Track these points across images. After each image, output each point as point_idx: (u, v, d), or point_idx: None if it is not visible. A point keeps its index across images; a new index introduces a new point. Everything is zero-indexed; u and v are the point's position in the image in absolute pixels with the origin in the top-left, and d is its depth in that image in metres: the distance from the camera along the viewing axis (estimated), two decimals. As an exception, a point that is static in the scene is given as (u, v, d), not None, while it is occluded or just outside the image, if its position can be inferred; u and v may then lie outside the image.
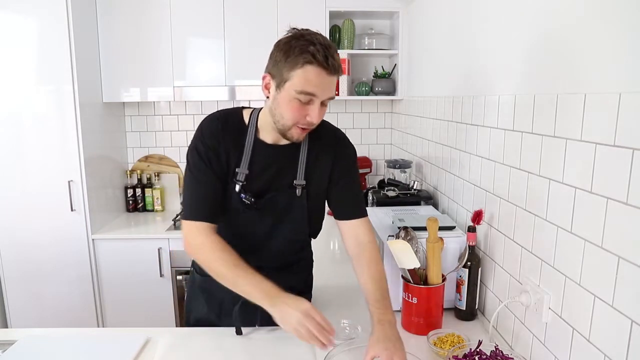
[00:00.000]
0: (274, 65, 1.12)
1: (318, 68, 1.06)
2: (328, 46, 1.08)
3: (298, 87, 1.08)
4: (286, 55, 1.08)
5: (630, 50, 0.84)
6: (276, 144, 1.26)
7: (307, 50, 1.05)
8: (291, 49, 1.07)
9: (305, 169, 1.28)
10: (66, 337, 1.38)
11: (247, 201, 1.25)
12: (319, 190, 1.33)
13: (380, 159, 3.21)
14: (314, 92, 1.09)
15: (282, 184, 1.28)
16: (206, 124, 1.27)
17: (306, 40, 1.07)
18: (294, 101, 1.10)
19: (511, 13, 1.33)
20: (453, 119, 1.83)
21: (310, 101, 1.11)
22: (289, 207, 1.29)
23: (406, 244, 1.37)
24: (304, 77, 1.07)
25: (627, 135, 0.84)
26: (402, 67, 2.77)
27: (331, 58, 1.07)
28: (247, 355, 1.27)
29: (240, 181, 1.24)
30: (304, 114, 1.12)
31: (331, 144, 1.32)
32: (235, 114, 1.30)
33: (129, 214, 3.04)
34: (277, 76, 1.12)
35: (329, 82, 1.10)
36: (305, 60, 1.06)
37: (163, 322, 2.65)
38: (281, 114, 1.14)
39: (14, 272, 2.57)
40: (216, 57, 2.72)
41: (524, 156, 1.23)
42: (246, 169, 1.24)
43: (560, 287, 1.06)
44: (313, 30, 1.12)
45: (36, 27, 2.37)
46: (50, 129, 2.45)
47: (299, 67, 1.07)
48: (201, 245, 1.19)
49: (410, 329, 1.39)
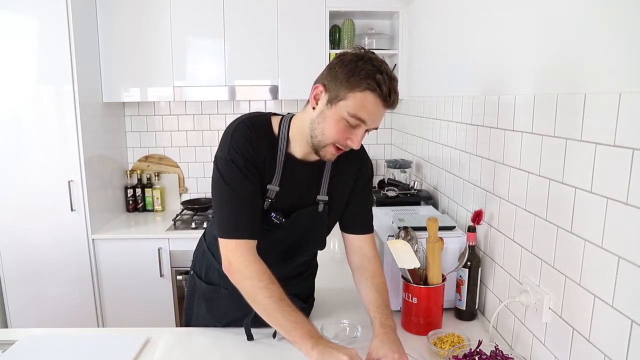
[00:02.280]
0: (332, 80, 1.07)
1: (378, 98, 1.03)
2: (394, 79, 1.05)
3: (351, 110, 1.04)
4: (350, 74, 1.03)
5: (630, 50, 0.84)
6: (305, 159, 1.20)
7: (374, 78, 1.02)
8: (357, 70, 1.03)
9: (328, 185, 1.24)
10: (66, 337, 1.38)
11: (277, 220, 1.19)
12: (339, 206, 1.29)
13: (380, 159, 3.21)
14: (365, 120, 1.05)
15: (307, 201, 1.24)
16: (238, 133, 1.14)
17: (374, 66, 1.03)
18: (342, 122, 1.06)
19: (511, 14, 1.33)
20: (453, 119, 1.83)
21: (357, 126, 1.07)
22: (312, 225, 1.26)
23: (406, 244, 1.37)
24: (362, 102, 1.03)
25: (627, 135, 0.84)
26: (402, 67, 2.77)
27: (394, 92, 1.05)
28: (247, 355, 1.27)
29: (270, 198, 1.18)
30: (346, 137, 1.08)
31: (355, 160, 1.28)
32: (265, 120, 1.20)
33: (129, 214, 3.04)
34: (332, 91, 1.06)
35: (381, 114, 1.08)
36: (368, 86, 1.02)
37: (163, 322, 2.65)
38: (323, 130, 1.09)
39: (14, 272, 2.57)
40: (216, 57, 2.72)
41: (524, 156, 1.23)
42: (277, 186, 1.18)
43: (560, 287, 1.06)
44: (379, 57, 1.08)
45: (36, 27, 2.37)
46: (50, 129, 2.45)
47: (359, 91, 1.03)
48: (245, 270, 1.11)
49: (410, 329, 1.39)
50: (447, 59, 1.95)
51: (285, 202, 1.20)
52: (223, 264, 1.15)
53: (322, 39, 2.72)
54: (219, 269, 1.29)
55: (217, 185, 1.14)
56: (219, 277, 1.33)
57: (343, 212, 1.31)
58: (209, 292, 1.39)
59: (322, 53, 2.72)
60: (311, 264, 1.46)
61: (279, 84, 2.72)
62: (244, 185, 1.13)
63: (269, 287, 1.09)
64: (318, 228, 1.27)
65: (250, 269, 1.11)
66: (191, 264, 1.50)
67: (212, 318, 1.41)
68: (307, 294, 1.47)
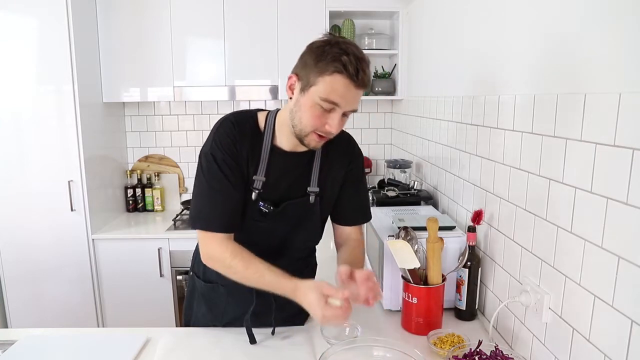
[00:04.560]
0: (303, 68, 1.09)
1: (347, 79, 1.04)
2: (361, 59, 1.06)
3: (323, 94, 1.06)
4: (317, 59, 1.05)
5: (630, 50, 0.84)
6: (293, 151, 1.22)
7: (340, 59, 1.03)
8: (323, 55, 1.05)
9: (318, 177, 1.26)
10: (66, 337, 1.38)
11: (266, 209, 1.22)
12: (331, 197, 1.31)
13: (380, 159, 3.21)
14: (338, 102, 1.06)
15: (297, 192, 1.26)
16: (222, 129, 1.20)
17: (340, 48, 1.04)
18: (316, 107, 1.08)
19: (511, 13, 1.34)
20: (453, 119, 1.83)
21: (332, 110, 1.08)
22: (303, 215, 1.28)
23: (406, 244, 1.37)
24: (331, 85, 1.05)
25: (627, 135, 0.84)
26: (402, 67, 2.77)
27: (362, 72, 1.05)
28: (247, 355, 1.27)
29: (257, 189, 1.21)
30: (323, 122, 1.10)
31: (344, 151, 1.31)
32: (251, 117, 1.24)
33: (129, 214, 3.04)
34: (303, 79, 1.09)
35: (354, 95, 1.08)
36: (335, 68, 1.03)
37: (163, 322, 2.65)
38: (300, 118, 1.11)
39: (14, 272, 2.57)
40: (216, 57, 2.72)
41: (524, 156, 1.23)
42: (263, 177, 1.21)
43: (560, 287, 1.06)
44: (349, 40, 1.10)
45: (36, 27, 2.37)
46: (50, 129, 2.45)
47: (328, 75, 1.04)
48: (220, 258, 1.17)
49: (410, 329, 1.39)
50: (447, 59, 1.95)
51: (274, 192, 1.23)
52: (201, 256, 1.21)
53: (322, 39, 2.71)
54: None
55: (197, 178, 1.21)
56: (217, 274, 1.33)
57: (335, 205, 1.34)
58: (207, 291, 1.40)
59: (322, 53, 2.71)
60: (309, 262, 1.46)
61: (279, 84, 2.72)
62: (220, 179, 1.17)
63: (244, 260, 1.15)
64: (309, 219, 1.29)
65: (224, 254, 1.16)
66: (190, 265, 1.51)
67: (212, 318, 1.41)
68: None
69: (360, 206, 1.37)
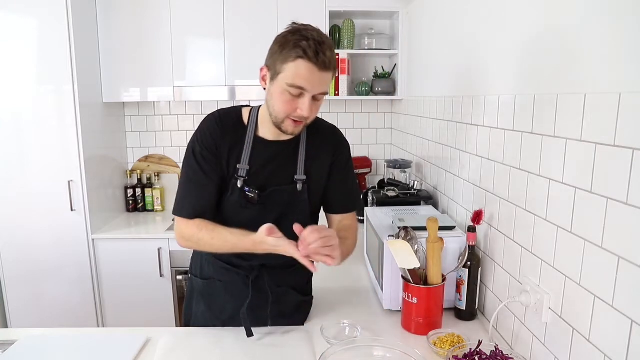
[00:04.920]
0: (270, 58, 1.16)
1: (309, 63, 1.09)
2: (321, 42, 1.10)
3: (289, 80, 1.12)
4: (281, 48, 1.12)
5: (630, 50, 0.84)
6: (277, 140, 1.28)
7: (300, 45, 1.09)
8: (286, 43, 1.11)
9: (305, 165, 1.30)
10: (66, 337, 1.38)
11: (251, 194, 1.27)
12: (319, 186, 1.35)
13: (380, 159, 3.21)
14: (304, 86, 1.12)
15: (283, 179, 1.30)
16: (204, 124, 1.30)
17: (301, 35, 1.10)
18: (285, 94, 1.14)
19: (511, 13, 1.34)
20: (453, 118, 1.83)
21: (301, 95, 1.14)
22: (291, 202, 1.31)
23: (406, 244, 1.37)
24: (295, 71, 1.10)
25: (627, 135, 0.84)
26: (402, 67, 2.77)
27: (322, 54, 1.10)
28: (247, 355, 1.27)
29: (241, 177, 1.27)
30: (294, 107, 1.15)
31: (329, 140, 1.36)
32: (234, 112, 1.32)
33: (129, 214, 3.04)
34: (272, 69, 1.16)
35: (320, 78, 1.12)
36: (297, 54, 1.09)
37: (163, 322, 2.65)
38: (273, 106, 1.18)
39: (14, 272, 2.57)
40: (216, 57, 2.72)
41: (524, 156, 1.23)
42: (247, 165, 1.27)
43: (560, 287, 1.06)
44: (313, 27, 1.15)
45: (36, 27, 2.37)
46: (50, 129, 2.45)
47: (291, 61, 1.10)
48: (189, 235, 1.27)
49: (410, 329, 1.39)
50: (447, 58, 1.95)
51: (259, 179, 1.28)
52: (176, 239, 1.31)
53: (322, 39, 2.72)
54: (213, 262, 1.39)
55: (181, 169, 1.32)
56: (214, 270, 1.40)
57: (324, 195, 1.37)
58: (205, 288, 1.42)
59: (322, 53, 2.71)
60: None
61: (279, 84, 2.72)
62: (196, 171, 1.26)
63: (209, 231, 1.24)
64: (298, 206, 1.32)
65: (191, 231, 1.26)
66: (189, 267, 1.52)
67: (211, 315, 1.42)
68: (303, 287, 1.48)
69: (349, 194, 1.40)
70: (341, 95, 2.82)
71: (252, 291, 1.32)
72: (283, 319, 1.39)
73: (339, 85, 2.79)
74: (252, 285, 1.32)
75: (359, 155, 3.18)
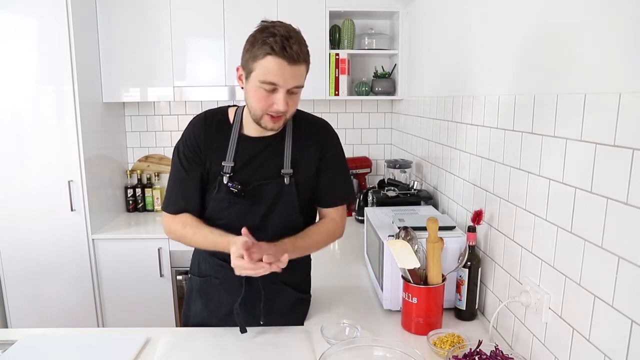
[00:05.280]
0: (243, 57, 1.20)
1: (277, 58, 1.12)
2: (287, 37, 1.12)
3: (261, 77, 1.15)
4: (251, 47, 1.16)
5: (630, 50, 0.84)
6: (261, 136, 1.31)
7: (267, 42, 1.12)
8: (255, 42, 1.14)
9: (291, 159, 1.33)
10: (66, 337, 1.38)
11: (234, 189, 1.29)
12: (307, 180, 1.36)
13: (380, 159, 3.21)
14: (276, 82, 1.14)
15: (269, 174, 1.32)
16: (189, 126, 1.36)
17: (269, 32, 1.13)
18: (259, 90, 1.17)
19: (511, 13, 1.34)
20: (453, 118, 1.83)
21: (274, 90, 1.16)
22: (279, 196, 1.33)
23: (406, 244, 1.37)
24: (266, 67, 1.13)
25: (627, 135, 0.84)
26: (402, 67, 2.77)
27: (289, 48, 1.12)
28: (247, 355, 1.27)
29: (227, 173, 1.30)
30: (270, 103, 1.18)
31: (316, 134, 1.37)
32: (220, 112, 1.37)
33: (129, 214, 3.04)
34: (245, 68, 1.19)
35: (290, 72, 1.14)
36: (265, 51, 1.12)
37: (163, 322, 2.65)
38: (251, 104, 1.22)
39: (14, 272, 2.57)
40: (216, 57, 2.72)
41: (524, 156, 1.23)
42: (231, 162, 1.30)
43: (560, 287, 1.06)
44: (282, 22, 1.18)
45: (36, 27, 2.37)
46: (50, 129, 2.45)
47: (261, 58, 1.13)
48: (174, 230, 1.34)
49: (410, 329, 1.39)
50: (447, 58, 1.95)
51: (243, 174, 1.31)
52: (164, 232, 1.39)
53: (322, 39, 2.72)
54: (210, 260, 1.41)
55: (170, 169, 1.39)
56: (210, 267, 1.42)
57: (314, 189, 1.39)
58: (202, 285, 1.44)
59: (322, 53, 2.72)
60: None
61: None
62: (179, 170, 1.33)
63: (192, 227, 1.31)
64: (286, 199, 1.33)
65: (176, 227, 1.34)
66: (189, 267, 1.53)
67: (208, 313, 1.43)
68: (300, 284, 1.49)
69: (338, 188, 1.42)
70: (341, 95, 2.82)
71: (245, 287, 1.34)
72: (278, 317, 1.40)
73: (339, 85, 2.79)
74: (245, 281, 1.33)
75: (359, 155, 3.18)
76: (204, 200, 1.36)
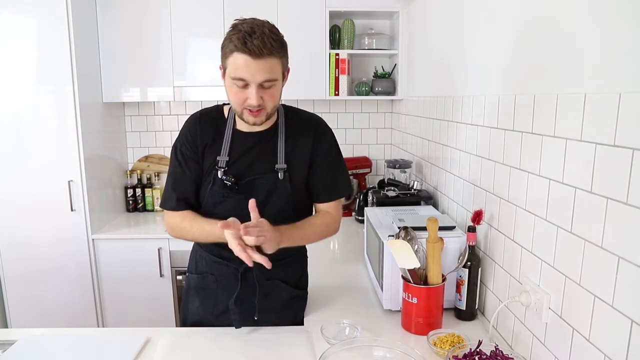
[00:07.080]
0: (220, 57, 1.23)
1: (241, 54, 1.15)
2: (250, 32, 1.14)
3: (232, 74, 1.18)
4: (222, 46, 1.20)
5: (630, 50, 0.84)
6: (252, 131, 1.34)
7: (232, 39, 1.15)
8: (225, 40, 1.19)
9: (285, 154, 1.34)
10: (66, 337, 1.38)
11: (228, 182, 1.31)
12: (301, 175, 1.37)
13: (380, 159, 3.21)
14: (244, 77, 1.17)
15: (263, 169, 1.34)
16: (185, 124, 1.39)
17: (235, 29, 1.16)
18: (233, 86, 1.20)
19: (512, 13, 1.33)
20: (453, 118, 1.83)
21: (246, 85, 1.19)
22: (273, 191, 1.34)
23: (406, 244, 1.37)
24: (233, 63, 1.17)
25: (627, 135, 0.84)
26: (402, 67, 2.77)
27: (250, 43, 1.13)
28: (247, 355, 1.27)
29: (221, 167, 1.32)
30: (244, 98, 1.20)
31: (308, 129, 1.39)
32: (215, 110, 1.40)
33: (129, 214, 3.04)
34: (222, 66, 1.23)
35: (257, 66, 1.15)
36: (231, 49, 1.16)
37: (163, 322, 2.65)
38: (230, 100, 1.26)
39: (14, 272, 2.57)
40: (216, 57, 2.68)
41: (524, 156, 1.23)
42: (226, 156, 1.33)
43: (560, 287, 1.06)
44: (251, 19, 1.20)
45: (36, 27, 2.37)
46: (50, 129, 2.45)
47: (230, 56, 1.17)
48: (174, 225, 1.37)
49: (410, 329, 1.39)
50: (447, 58, 1.95)
51: (237, 168, 1.33)
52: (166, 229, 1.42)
53: (322, 39, 2.72)
54: (206, 257, 1.43)
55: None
56: (206, 264, 1.44)
57: (308, 184, 1.40)
58: (199, 282, 1.45)
59: (322, 53, 2.72)
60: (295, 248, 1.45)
61: (278, 83, 2.72)
62: (176, 167, 1.37)
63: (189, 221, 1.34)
64: (280, 194, 1.35)
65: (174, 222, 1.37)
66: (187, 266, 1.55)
67: (204, 310, 1.44)
68: (296, 281, 1.49)
69: (332, 183, 1.43)
70: (341, 95, 2.82)
71: (241, 283, 1.35)
72: (273, 314, 1.41)
73: (339, 85, 2.80)
74: (241, 277, 1.35)
75: (359, 155, 3.18)
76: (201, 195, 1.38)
